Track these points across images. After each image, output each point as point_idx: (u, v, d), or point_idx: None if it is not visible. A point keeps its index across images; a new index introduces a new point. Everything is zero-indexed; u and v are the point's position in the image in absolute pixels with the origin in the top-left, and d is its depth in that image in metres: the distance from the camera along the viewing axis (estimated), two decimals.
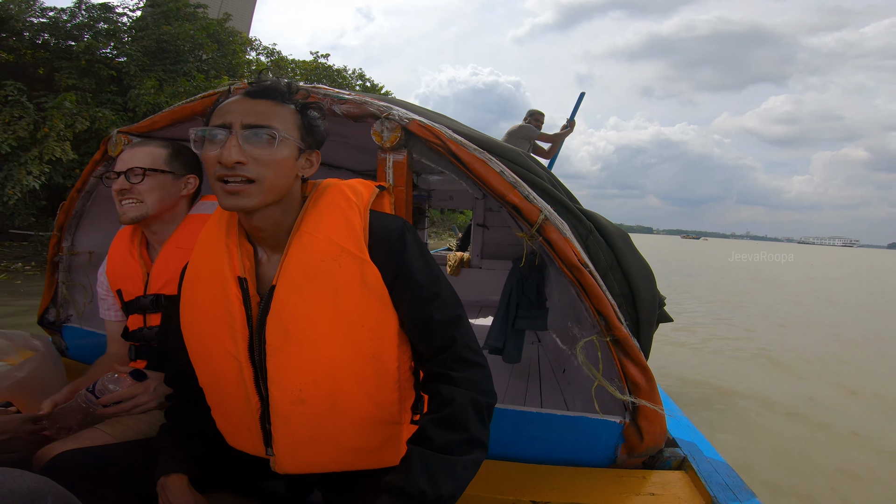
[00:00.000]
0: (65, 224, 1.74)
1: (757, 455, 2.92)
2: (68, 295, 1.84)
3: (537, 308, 1.80)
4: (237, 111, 0.76)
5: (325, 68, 16.39)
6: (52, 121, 8.44)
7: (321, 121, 0.85)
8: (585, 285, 1.12)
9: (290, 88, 0.82)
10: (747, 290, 12.17)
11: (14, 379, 1.21)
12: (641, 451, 1.21)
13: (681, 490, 1.15)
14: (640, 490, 1.14)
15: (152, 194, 1.16)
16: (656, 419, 1.19)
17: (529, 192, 1.14)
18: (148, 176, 1.15)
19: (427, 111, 1.38)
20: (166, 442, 0.91)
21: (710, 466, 1.24)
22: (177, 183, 1.21)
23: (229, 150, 0.73)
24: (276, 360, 0.79)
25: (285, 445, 0.83)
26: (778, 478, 2.67)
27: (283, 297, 0.78)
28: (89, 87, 9.64)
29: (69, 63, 9.73)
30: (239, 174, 0.74)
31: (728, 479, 1.19)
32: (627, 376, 1.16)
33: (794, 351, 5.74)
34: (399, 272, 0.80)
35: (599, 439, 1.22)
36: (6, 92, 8.47)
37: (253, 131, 0.75)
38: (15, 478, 0.67)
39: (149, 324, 1.22)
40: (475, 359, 0.78)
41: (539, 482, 1.15)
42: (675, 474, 1.22)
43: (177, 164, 1.21)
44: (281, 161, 0.77)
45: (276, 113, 0.77)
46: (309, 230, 0.80)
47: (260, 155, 0.75)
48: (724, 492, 1.14)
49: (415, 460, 0.67)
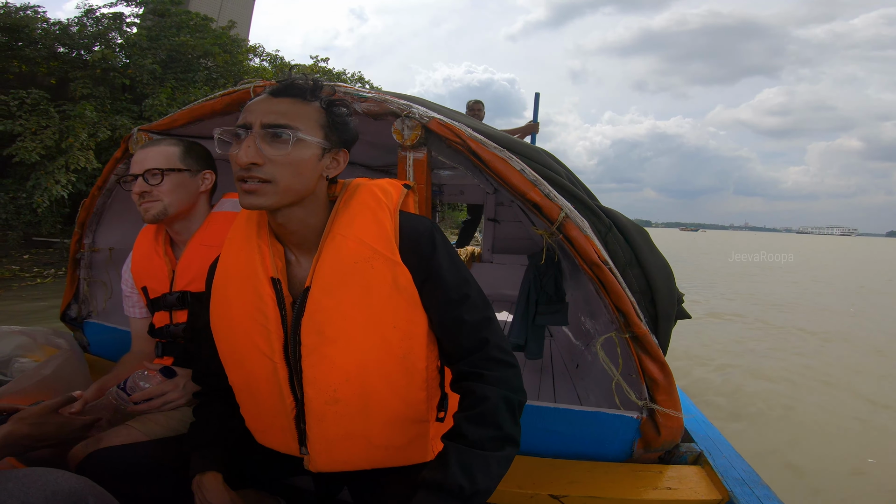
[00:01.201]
0: (86, 221, 1.76)
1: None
2: (89, 292, 1.87)
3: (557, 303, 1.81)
4: (258, 111, 0.76)
5: (324, 72, 16.53)
6: (75, 130, 8.69)
7: (349, 118, 0.84)
8: (605, 282, 1.13)
9: (315, 85, 0.81)
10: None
11: (40, 376, 1.23)
12: (658, 446, 1.23)
13: (697, 484, 1.17)
14: (657, 484, 1.16)
15: (172, 194, 1.17)
16: (674, 415, 1.19)
17: (550, 190, 1.15)
18: (166, 176, 1.17)
19: (445, 109, 1.38)
20: (199, 440, 0.93)
21: (726, 461, 1.26)
22: (194, 180, 1.22)
23: (245, 150, 0.73)
24: (311, 361, 0.80)
25: (320, 444, 0.84)
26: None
27: (317, 298, 0.79)
28: (105, 96, 9.88)
29: (84, 72, 9.92)
30: (255, 175, 0.74)
31: (744, 474, 1.20)
32: (645, 372, 1.17)
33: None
34: (429, 274, 0.80)
35: (616, 434, 1.23)
36: (32, 100, 8.74)
37: (270, 131, 0.74)
38: (57, 479, 0.69)
39: (175, 321, 1.24)
40: (506, 358, 0.79)
41: (557, 476, 1.16)
42: (691, 469, 1.23)
43: (191, 160, 1.22)
44: (298, 162, 0.76)
45: (297, 112, 0.77)
46: (341, 232, 0.81)
47: (275, 155, 0.74)
48: (741, 486, 1.15)
49: (451, 456, 0.69)
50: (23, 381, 1.20)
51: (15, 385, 1.19)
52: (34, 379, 1.22)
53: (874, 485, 2.58)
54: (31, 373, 1.24)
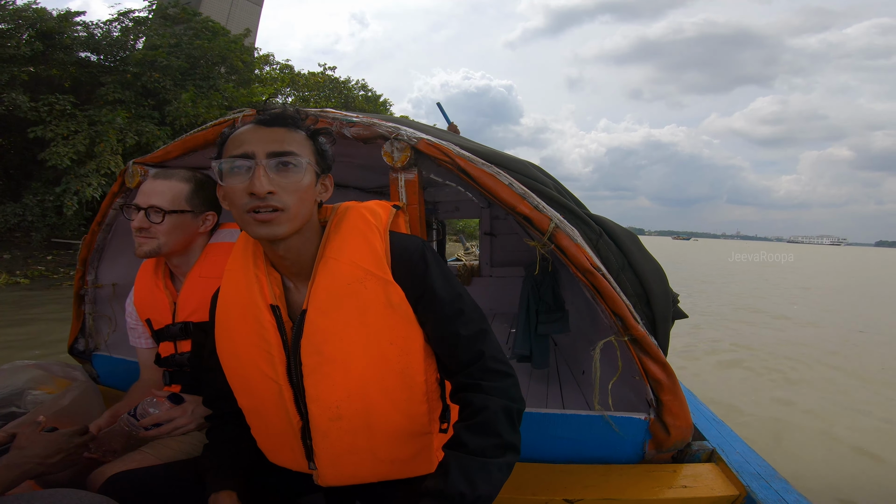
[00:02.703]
0: (87, 258, 1.79)
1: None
2: (94, 326, 1.89)
3: (556, 311, 1.82)
4: (257, 140, 0.77)
5: (331, 79, 16.93)
6: (108, 135, 9.02)
7: (329, 145, 0.87)
8: (599, 288, 1.15)
9: (299, 114, 0.83)
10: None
11: (59, 406, 1.26)
12: (669, 445, 1.23)
13: (712, 481, 1.17)
14: (672, 483, 1.16)
15: (169, 235, 1.17)
16: (681, 413, 1.20)
17: (539, 202, 1.17)
18: (168, 217, 1.16)
19: (432, 129, 1.42)
20: (213, 461, 0.94)
21: (740, 457, 1.25)
22: (195, 221, 1.22)
23: (260, 180, 0.74)
24: (312, 380, 0.82)
25: (326, 459, 0.86)
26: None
27: (314, 320, 0.82)
28: (130, 101, 10.13)
29: (113, 77, 10.19)
30: (270, 204, 0.75)
31: (760, 469, 1.20)
32: (648, 373, 1.18)
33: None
34: (423, 292, 0.82)
35: (626, 436, 1.24)
36: (62, 106, 9.01)
37: (279, 160, 0.76)
38: (82, 498, 0.72)
39: (179, 350, 1.26)
40: (503, 369, 0.81)
41: (571, 481, 1.17)
42: (705, 466, 1.23)
43: (197, 200, 1.22)
44: (305, 188, 0.78)
45: (293, 139, 0.79)
46: (334, 255, 0.83)
47: (286, 184, 0.76)
48: (757, 481, 1.15)
49: (452, 464, 0.71)
50: (41, 411, 1.22)
51: (31, 416, 1.20)
52: (52, 410, 1.24)
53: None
54: (49, 404, 1.27)
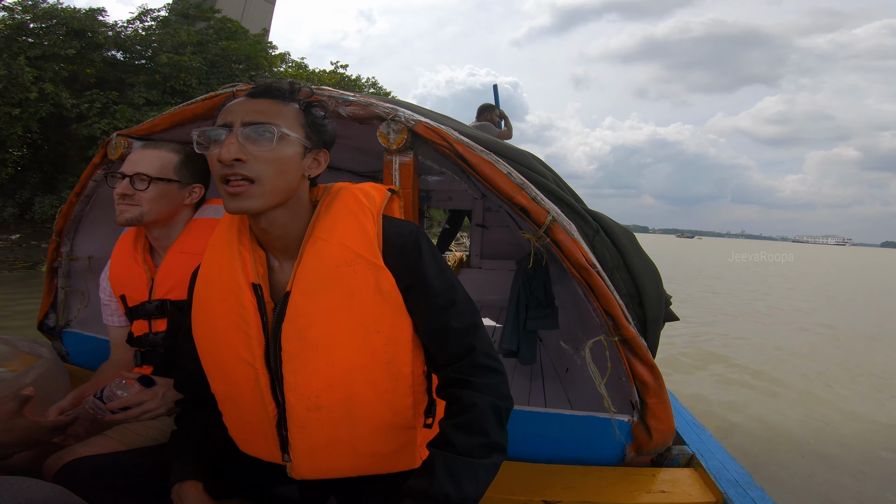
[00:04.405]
0: (63, 229, 1.72)
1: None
2: (66, 301, 1.82)
3: (546, 307, 1.81)
4: (239, 111, 0.76)
5: (343, 77, 17.28)
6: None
7: (326, 120, 0.85)
8: (593, 285, 1.13)
9: (292, 87, 0.82)
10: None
11: (20, 385, 1.19)
12: (650, 449, 1.22)
13: (690, 487, 1.17)
14: (650, 488, 1.15)
15: (153, 203, 1.15)
16: (665, 417, 1.19)
17: (537, 194, 1.14)
18: (153, 184, 1.14)
19: (432, 112, 1.38)
20: (179, 449, 0.90)
21: (718, 463, 1.26)
22: (181, 192, 1.20)
23: (228, 147, 0.73)
24: (292, 367, 0.78)
25: (302, 451, 0.82)
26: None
27: (298, 302, 0.78)
28: (157, 100, 10.53)
29: (142, 78, 10.56)
30: (238, 172, 0.73)
31: (737, 476, 1.20)
32: (635, 375, 1.16)
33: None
34: (415, 280, 0.79)
35: (608, 438, 1.23)
36: (101, 103, 9.46)
37: (252, 128, 0.74)
38: (31, 487, 0.67)
39: (154, 329, 1.21)
40: (493, 365, 0.78)
41: (550, 481, 1.15)
42: (684, 472, 1.23)
43: (185, 172, 1.20)
44: (282, 159, 0.76)
45: (278, 111, 0.77)
46: (323, 236, 0.80)
47: (259, 152, 0.74)
48: (735, 488, 1.15)
49: (438, 464, 0.68)
50: (1, 390, 1.16)
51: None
52: (13, 388, 1.18)
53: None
54: (10, 382, 1.20)
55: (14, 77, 8.69)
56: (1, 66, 8.66)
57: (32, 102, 8.89)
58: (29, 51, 9.22)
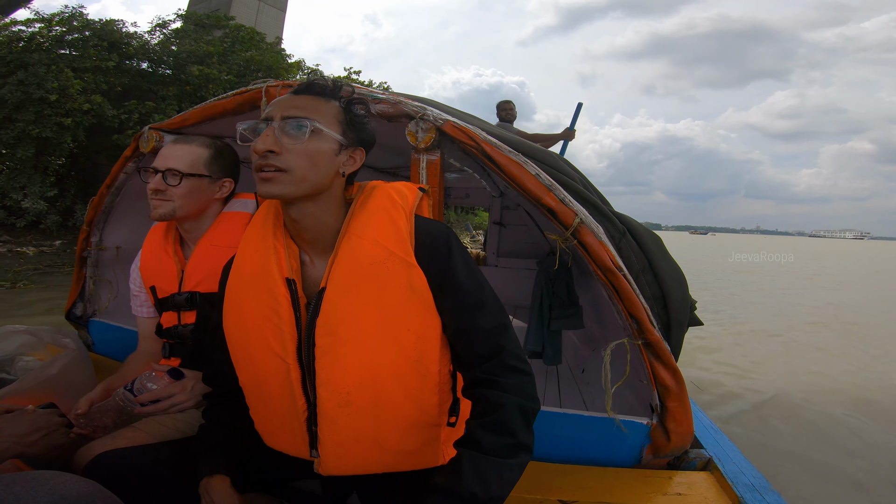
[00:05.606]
0: (94, 219, 1.76)
1: None
2: (94, 290, 1.86)
3: (570, 307, 1.80)
4: (281, 106, 0.79)
5: (356, 83, 17.50)
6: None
7: (367, 119, 0.86)
8: (619, 289, 1.12)
9: (335, 85, 0.84)
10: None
11: (46, 376, 1.21)
12: (667, 452, 1.22)
13: (707, 490, 1.16)
14: (666, 490, 1.15)
15: (185, 198, 1.16)
16: (684, 421, 1.19)
17: (565, 195, 1.14)
18: (185, 180, 1.16)
19: (458, 112, 1.38)
20: (207, 442, 0.91)
21: (735, 467, 1.25)
22: (212, 186, 1.21)
23: (263, 138, 0.76)
24: (324, 362, 0.79)
25: (331, 447, 0.83)
26: None
27: (332, 298, 0.79)
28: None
29: (172, 90, 10.73)
30: (272, 163, 0.75)
31: (754, 480, 1.19)
32: (657, 378, 1.16)
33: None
34: (444, 279, 0.80)
35: (625, 440, 1.23)
36: (139, 114, 9.67)
37: (289, 122, 0.77)
38: (65, 482, 0.68)
39: (183, 321, 1.22)
40: (521, 366, 0.79)
41: (566, 482, 1.16)
42: (700, 475, 1.23)
43: (216, 166, 1.21)
44: (314, 152, 0.77)
45: (316, 107, 0.79)
46: (357, 232, 0.81)
47: (291, 145, 0.76)
48: (751, 492, 1.14)
49: (465, 463, 0.68)
50: (28, 380, 1.19)
51: (20, 385, 1.17)
52: (39, 378, 1.20)
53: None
54: (36, 372, 1.22)
55: (63, 88, 8.95)
56: (51, 78, 8.89)
57: (80, 112, 9.13)
58: (75, 62, 9.48)
